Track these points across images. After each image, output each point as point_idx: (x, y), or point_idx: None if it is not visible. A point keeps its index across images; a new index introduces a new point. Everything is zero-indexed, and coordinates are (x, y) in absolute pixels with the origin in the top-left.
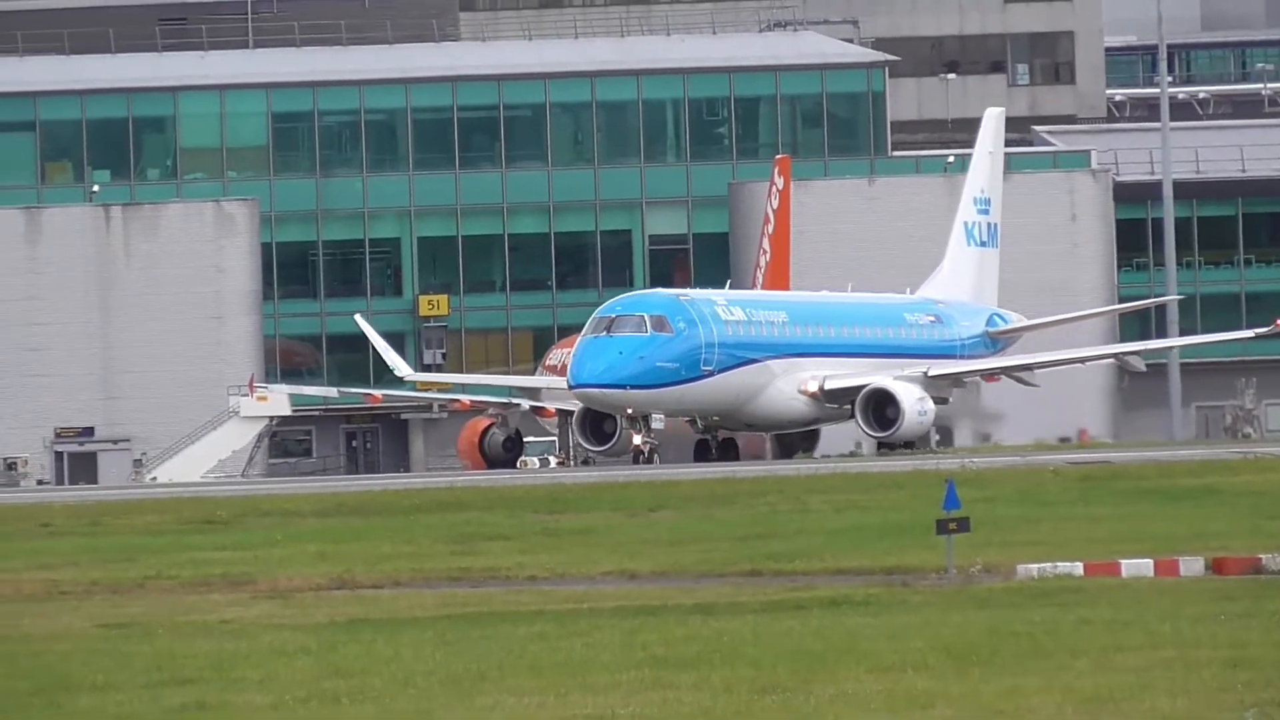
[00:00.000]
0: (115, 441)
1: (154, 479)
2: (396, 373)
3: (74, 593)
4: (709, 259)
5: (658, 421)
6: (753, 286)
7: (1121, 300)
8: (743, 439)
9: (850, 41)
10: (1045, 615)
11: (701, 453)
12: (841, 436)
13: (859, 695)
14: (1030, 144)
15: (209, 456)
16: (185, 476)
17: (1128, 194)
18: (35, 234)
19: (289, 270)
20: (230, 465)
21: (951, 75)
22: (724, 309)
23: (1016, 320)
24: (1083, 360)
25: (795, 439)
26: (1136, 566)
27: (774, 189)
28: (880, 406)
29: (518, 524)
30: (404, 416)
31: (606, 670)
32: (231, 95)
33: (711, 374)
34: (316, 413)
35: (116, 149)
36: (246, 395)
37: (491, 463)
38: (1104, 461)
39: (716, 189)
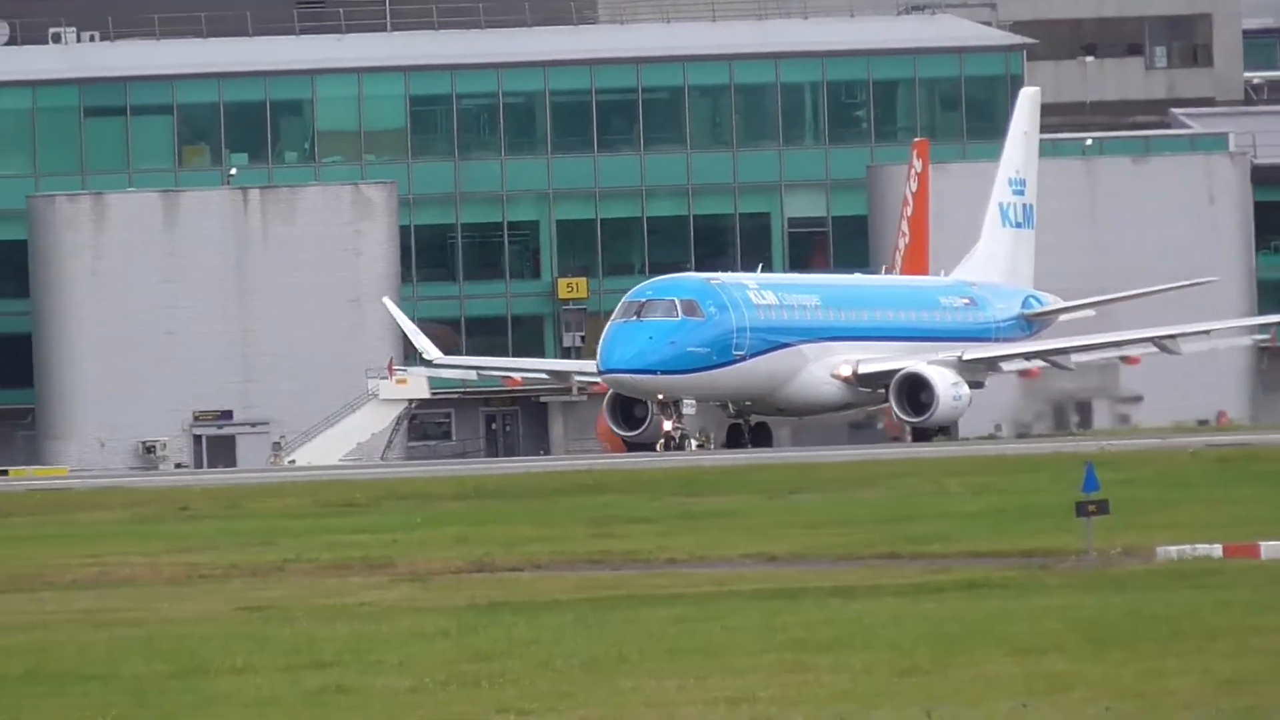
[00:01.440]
0: (254, 425)
1: (292, 462)
2: (425, 356)
3: (213, 576)
4: (848, 242)
5: (688, 407)
6: (891, 270)
7: (1260, 284)
8: (882, 421)
9: (988, 25)
10: (1184, 598)
11: (734, 438)
12: (980, 419)
13: (997, 677)
14: (1168, 127)
15: (347, 440)
16: (324, 460)
17: (1265, 176)
18: (173, 217)
19: (427, 253)
20: (369, 448)
21: (1089, 58)
22: (755, 293)
23: (1052, 302)
24: (1117, 344)
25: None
26: (1276, 548)
27: (912, 172)
28: (914, 391)
29: (657, 507)
30: (543, 399)
31: (746, 653)
32: (369, 78)
33: (743, 359)
34: (455, 395)
35: (254, 132)
36: (385, 378)
37: (631, 446)
38: (1243, 443)
39: (854, 172)
